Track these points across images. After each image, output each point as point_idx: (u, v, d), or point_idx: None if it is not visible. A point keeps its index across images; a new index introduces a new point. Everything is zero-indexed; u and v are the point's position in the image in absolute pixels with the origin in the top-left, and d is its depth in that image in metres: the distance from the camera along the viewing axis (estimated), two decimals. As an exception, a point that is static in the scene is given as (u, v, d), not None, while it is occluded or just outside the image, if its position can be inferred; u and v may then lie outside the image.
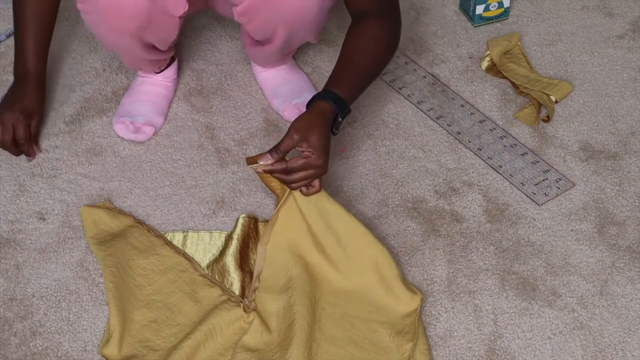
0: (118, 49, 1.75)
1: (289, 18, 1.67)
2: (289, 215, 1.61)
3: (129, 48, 1.72)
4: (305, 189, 1.59)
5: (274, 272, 1.60)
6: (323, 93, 1.59)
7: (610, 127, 1.93)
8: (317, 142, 1.54)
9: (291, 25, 1.69)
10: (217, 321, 1.55)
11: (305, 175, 1.56)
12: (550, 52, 2.09)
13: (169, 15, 1.67)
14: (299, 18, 1.67)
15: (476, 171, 1.84)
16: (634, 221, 1.76)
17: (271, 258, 1.62)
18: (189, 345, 1.52)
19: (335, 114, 1.58)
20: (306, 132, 1.54)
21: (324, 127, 1.56)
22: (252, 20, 1.70)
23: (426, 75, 2.03)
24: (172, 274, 1.64)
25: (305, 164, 1.54)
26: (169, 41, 1.75)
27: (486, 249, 1.71)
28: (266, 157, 1.56)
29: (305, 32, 1.73)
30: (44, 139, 1.89)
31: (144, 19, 1.64)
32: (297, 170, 1.55)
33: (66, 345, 1.57)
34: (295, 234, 1.61)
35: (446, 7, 2.20)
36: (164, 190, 1.80)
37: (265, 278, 1.60)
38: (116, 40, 1.70)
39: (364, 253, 1.60)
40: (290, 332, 1.53)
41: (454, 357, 1.56)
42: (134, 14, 1.62)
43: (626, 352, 1.56)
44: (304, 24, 1.69)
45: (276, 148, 1.55)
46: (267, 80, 1.97)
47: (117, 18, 1.63)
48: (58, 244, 1.71)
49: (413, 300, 1.58)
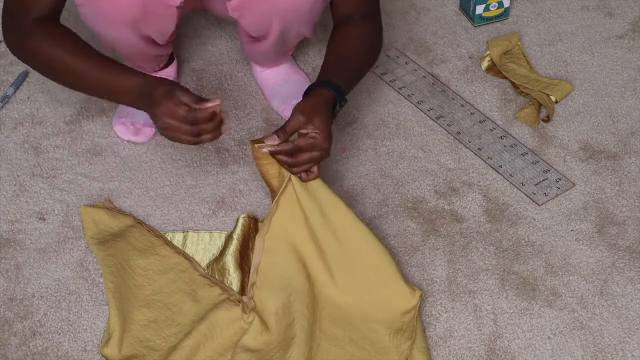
0: (116, 43, 1.74)
1: (282, 11, 1.67)
2: (287, 204, 1.60)
3: (127, 41, 1.71)
4: (305, 174, 1.59)
5: (272, 263, 1.59)
6: (322, 82, 1.60)
7: (610, 127, 1.93)
8: (323, 124, 1.54)
9: (285, 18, 1.69)
10: (217, 321, 1.55)
11: (309, 157, 1.55)
12: (550, 52, 2.09)
13: (165, 4, 1.66)
14: (293, 11, 1.68)
15: (476, 171, 1.84)
16: (634, 221, 1.76)
17: (269, 249, 1.60)
18: (188, 346, 1.52)
19: (335, 101, 1.59)
20: (311, 114, 1.54)
21: (328, 112, 1.57)
22: (246, 14, 1.70)
23: (426, 75, 2.03)
24: (172, 274, 1.64)
25: (312, 144, 1.54)
26: (166, 34, 1.74)
27: (486, 249, 1.71)
28: (273, 138, 1.55)
29: (300, 26, 1.73)
30: (44, 139, 1.89)
31: (140, 9, 1.63)
32: (304, 150, 1.54)
33: (66, 345, 1.57)
34: (294, 225, 1.60)
35: (446, 7, 2.20)
36: (164, 190, 1.80)
37: (263, 270, 1.59)
38: (113, 33, 1.69)
39: (360, 248, 1.60)
40: (290, 331, 1.53)
41: (454, 357, 1.56)
42: (130, 3, 1.62)
43: (626, 352, 1.56)
44: (298, 17, 1.70)
45: (282, 129, 1.55)
46: (266, 80, 1.97)
47: (113, 9, 1.62)
48: (58, 244, 1.71)
49: (412, 297, 1.58)
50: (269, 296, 1.57)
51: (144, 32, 1.70)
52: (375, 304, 1.58)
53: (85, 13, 1.67)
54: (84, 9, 1.65)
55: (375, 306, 1.58)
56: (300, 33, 1.77)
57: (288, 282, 1.58)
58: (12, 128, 1.91)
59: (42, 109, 1.95)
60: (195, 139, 1.55)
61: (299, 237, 1.60)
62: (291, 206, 1.60)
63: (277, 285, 1.58)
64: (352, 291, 1.60)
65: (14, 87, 1.98)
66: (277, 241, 1.60)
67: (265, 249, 1.60)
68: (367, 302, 1.59)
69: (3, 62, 2.05)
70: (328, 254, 1.60)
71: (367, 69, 1.74)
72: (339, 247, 1.60)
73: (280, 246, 1.60)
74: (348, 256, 1.60)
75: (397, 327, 1.56)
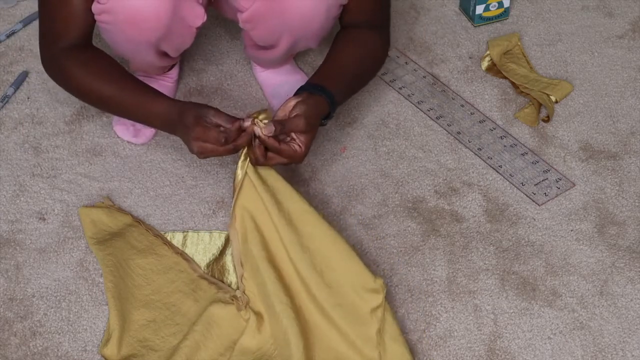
0: (130, 55, 1.75)
1: (294, 27, 1.67)
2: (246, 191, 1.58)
3: (142, 55, 1.72)
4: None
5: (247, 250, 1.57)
6: (326, 91, 1.60)
7: (610, 127, 1.93)
8: (309, 142, 1.55)
9: (296, 33, 1.69)
10: (215, 320, 1.55)
11: (279, 161, 1.56)
12: (550, 52, 2.09)
13: (187, 25, 1.67)
14: (305, 27, 1.67)
15: (476, 171, 1.84)
16: (634, 221, 1.76)
17: (242, 236, 1.58)
18: (187, 346, 1.52)
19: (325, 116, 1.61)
20: (310, 128, 1.55)
21: (317, 129, 1.58)
22: (257, 27, 1.70)
23: (426, 75, 2.03)
24: (171, 274, 1.64)
25: (290, 155, 1.55)
26: (182, 49, 1.75)
27: (486, 249, 1.71)
28: (270, 127, 1.53)
29: (309, 40, 1.73)
30: (44, 139, 1.89)
31: (164, 30, 1.63)
32: (281, 154, 1.54)
33: (66, 345, 1.57)
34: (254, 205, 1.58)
35: (446, 7, 2.20)
36: (164, 190, 1.80)
37: (244, 260, 1.58)
38: (132, 49, 1.69)
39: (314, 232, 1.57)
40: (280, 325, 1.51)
41: (454, 357, 1.56)
42: (155, 26, 1.62)
43: (626, 352, 1.56)
44: (309, 33, 1.69)
45: (281, 124, 1.53)
46: (267, 80, 1.97)
47: (138, 30, 1.62)
48: (58, 244, 1.71)
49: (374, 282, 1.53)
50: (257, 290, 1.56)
51: (162, 49, 1.70)
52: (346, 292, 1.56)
53: (106, 29, 1.66)
54: (106, 25, 1.65)
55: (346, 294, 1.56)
56: (308, 46, 1.77)
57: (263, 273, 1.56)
58: (12, 128, 1.91)
59: (42, 109, 1.95)
60: (233, 152, 1.56)
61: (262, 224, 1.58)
62: (250, 192, 1.58)
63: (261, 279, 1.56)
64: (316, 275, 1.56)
65: (14, 87, 1.98)
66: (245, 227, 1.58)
67: (239, 236, 1.59)
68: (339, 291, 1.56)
69: (3, 62, 2.05)
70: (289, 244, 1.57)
71: (366, 82, 1.75)
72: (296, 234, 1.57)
73: (249, 231, 1.58)
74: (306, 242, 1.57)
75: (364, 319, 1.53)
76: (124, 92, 1.64)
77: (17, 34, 2.11)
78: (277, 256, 1.58)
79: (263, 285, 1.55)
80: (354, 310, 1.54)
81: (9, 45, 2.09)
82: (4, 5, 2.18)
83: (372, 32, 1.74)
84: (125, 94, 1.64)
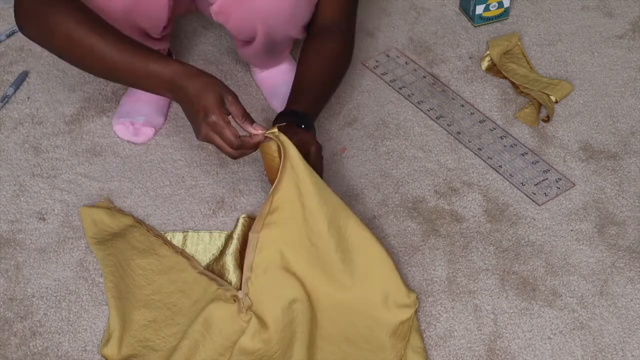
0: None
1: (262, 15, 1.68)
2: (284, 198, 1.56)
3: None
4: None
5: (267, 261, 1.58)
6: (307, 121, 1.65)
7: (610, 127, 1.93)
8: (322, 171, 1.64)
9: (267, 22, 1.70)
10: (215, 320, 1.54)
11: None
12: (550, 52, 2.10)
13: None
14: (273, 15, 1.69)
15: (476, 171, 1.84)
16: (634, 221, 1.76)
17: (264, 245, 1.57)
18: (187, 346, 1.52)
19: None
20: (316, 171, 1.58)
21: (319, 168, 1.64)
22: (229, 19, 1.71)
23: (426, 75, 2.03)
24: (172, 274, 1.64)
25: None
26: (159, 26, 1.74)
27: (486, 249, 1.71)
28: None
29: (286, 28, 1.74)
30: (44, 139, 1.89)
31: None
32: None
33: (66, 345, 1.57)
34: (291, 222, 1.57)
35: (446, 7, 2.20)
36: (164, 190, 1.80)
37: (259, 266, 1.57)
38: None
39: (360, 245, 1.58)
40: (290, 329, 1.52)
41: (454, 357, 1.56)
42: None
43: (626, 352, 1.56)
44: (281, 21, 1.70)
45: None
46: (265, 81, 1.97)
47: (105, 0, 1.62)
48: (58, 244, 1.71)
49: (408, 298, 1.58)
50: (267, 294, 1.56)
51: (137, 24, 1.70)
52: (374, 302, 1.58)
53: None
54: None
55: (373, 303, 1.58)
56: (289, 35, 1.77)
57: (286, 281, 1.57)
58: (12, 128, 1.91)
59: (42, 109, 1.95)
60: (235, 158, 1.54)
61: (296, 233, 1.59)
62: (288, 201, 1.56)
63: (275, 283, 1.57)
64: (351, 287, 1.59)
65: (14, 87, 1.98)
66: (271, 239, 1.58)
67: (259, 246, 1.58)
68: (367, 299, 1.58)
69: (3, 62, 2.05)
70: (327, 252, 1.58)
71: (334, 91, 1.78)
72: (339, 244, 1.58)
73: (275, 242, 1.59)
74: (348, 253, 1.59)
75: (394, 329, 1.56)
76: (124, 45, 1.52)
77: (17, 34, 2.11)
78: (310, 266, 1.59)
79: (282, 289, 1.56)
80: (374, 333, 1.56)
81: (9, 45, 2.09)
82: (4, 5, 2.18)
83: (335, 39, 1.76)
84: (126, 47, 1.52)
